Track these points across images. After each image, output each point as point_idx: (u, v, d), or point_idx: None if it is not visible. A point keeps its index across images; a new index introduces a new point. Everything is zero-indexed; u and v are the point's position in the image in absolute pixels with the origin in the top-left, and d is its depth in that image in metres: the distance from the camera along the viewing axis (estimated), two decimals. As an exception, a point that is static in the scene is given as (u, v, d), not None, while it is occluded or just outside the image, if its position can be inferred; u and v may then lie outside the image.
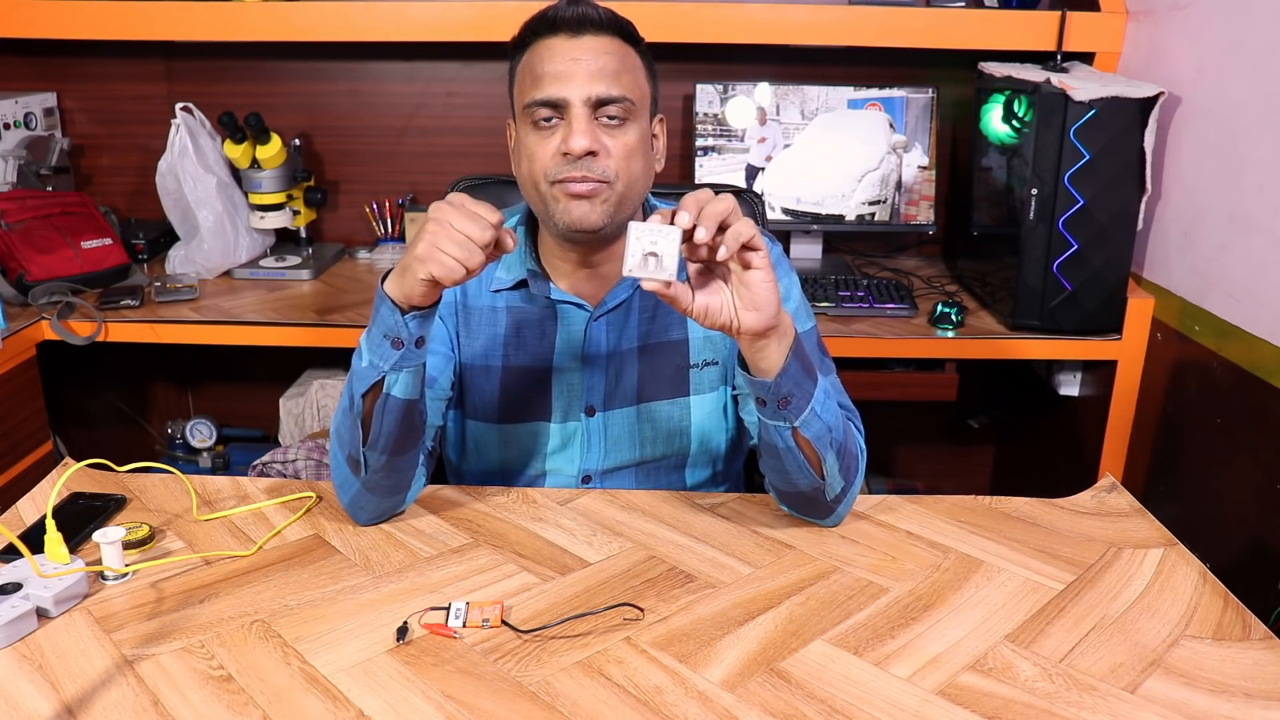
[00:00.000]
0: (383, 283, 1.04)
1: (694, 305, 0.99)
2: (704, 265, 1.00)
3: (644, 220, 0.96)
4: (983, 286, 2.09)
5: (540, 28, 1.13)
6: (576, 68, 1.10)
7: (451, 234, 0.98)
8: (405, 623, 0.95)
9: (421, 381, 1.09)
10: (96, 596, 1.00)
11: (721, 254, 0.95)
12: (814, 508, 1.14)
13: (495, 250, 1.01)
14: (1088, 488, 1.25)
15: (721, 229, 0.95)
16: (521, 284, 1.24)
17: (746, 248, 0.97)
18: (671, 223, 0.94)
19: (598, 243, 1.19)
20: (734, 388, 1.28)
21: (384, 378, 1.04)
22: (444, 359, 1.24)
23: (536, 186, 1.14)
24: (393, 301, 1.02)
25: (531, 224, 1.25)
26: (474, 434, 1.29)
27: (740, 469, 1.40)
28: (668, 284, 0.96)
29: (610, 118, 1.11)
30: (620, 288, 1.23)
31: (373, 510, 1.15)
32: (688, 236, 0.95)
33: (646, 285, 0.96)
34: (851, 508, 1.17)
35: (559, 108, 1.11)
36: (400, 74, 2.36)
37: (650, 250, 0.94)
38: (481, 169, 1.95)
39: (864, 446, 1.19)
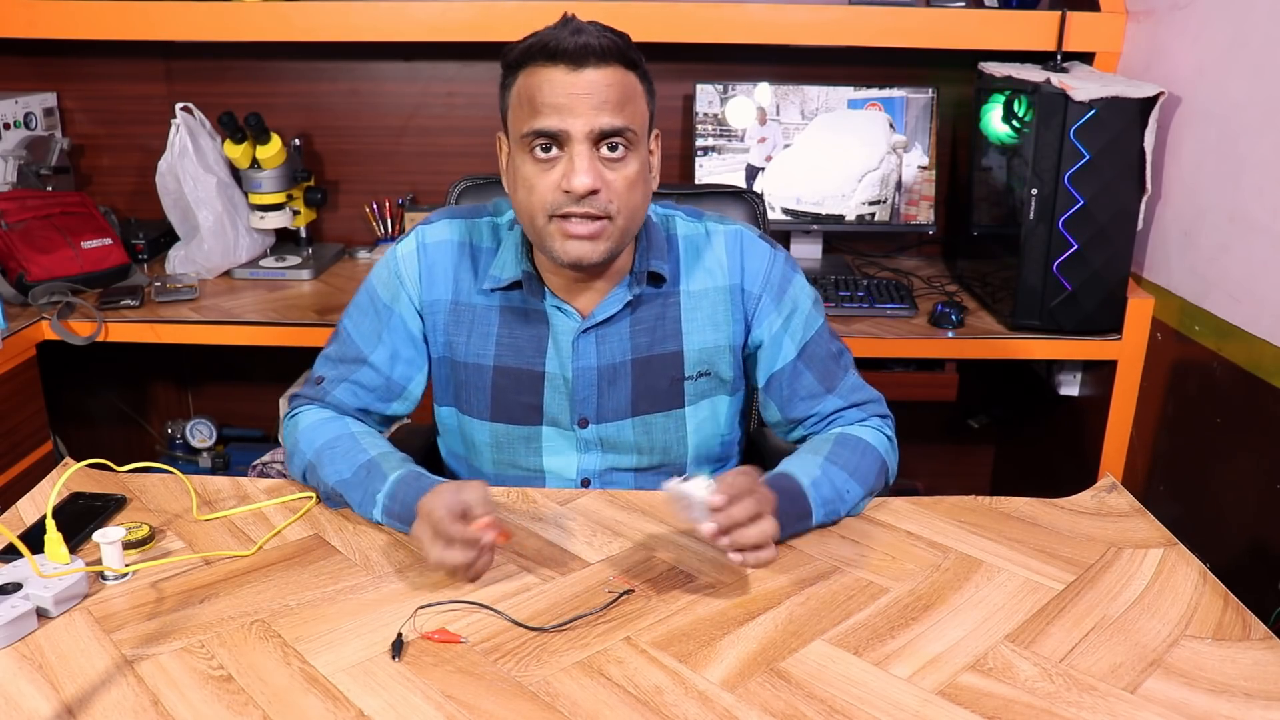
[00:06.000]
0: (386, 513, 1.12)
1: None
2: None
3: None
4: (983, 286, 2.09)
5: (540, 56, 1.08)
6: (579, 101, 1.07)
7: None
8: (400, 635, 0.93)
9: None
10: (96, 596, 1.00)
11: (736, 558, 0.99)
12: None
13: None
14: (1088, 488, 1.25)
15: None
16: (516, 284, 1.22)
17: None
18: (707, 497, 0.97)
19: (595, 268, 1.17)
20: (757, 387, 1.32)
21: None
22: (415, 367, 1.28)
23: (534, 220, 1.12)
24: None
25: None
26: (470, 432, 1.29)
27: (736, 455, 1.40)
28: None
29: (612, 149, 1.10)
30: (610, 301, 1.21)
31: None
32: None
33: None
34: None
35: (559, 139, 1.09)
36: (400, 74, 2.36)
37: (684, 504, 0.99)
38: (481, 169, 1.95)
39: (891, 434, 1.25)
